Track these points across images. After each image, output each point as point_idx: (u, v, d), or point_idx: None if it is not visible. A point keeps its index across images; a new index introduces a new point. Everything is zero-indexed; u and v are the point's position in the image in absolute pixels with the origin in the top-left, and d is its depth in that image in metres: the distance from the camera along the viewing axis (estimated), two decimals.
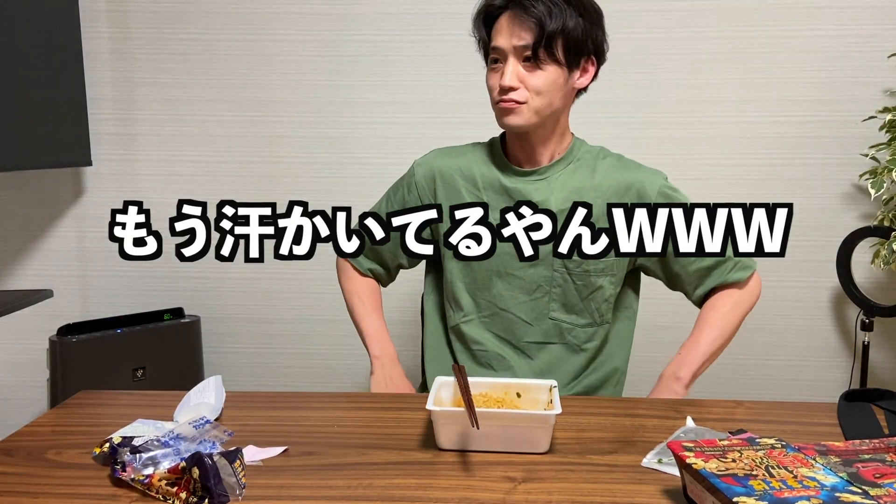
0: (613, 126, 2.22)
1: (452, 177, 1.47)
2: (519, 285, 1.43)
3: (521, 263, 1.41)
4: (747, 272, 1.44)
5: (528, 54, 1.33)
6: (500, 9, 1.35)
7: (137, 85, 2.36)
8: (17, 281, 2.45)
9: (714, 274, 1.43)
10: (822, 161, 2.25)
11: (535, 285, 1.43)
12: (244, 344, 2.45)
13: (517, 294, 1.43)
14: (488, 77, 1.39)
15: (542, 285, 1.42)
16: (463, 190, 1.45)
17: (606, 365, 1.47)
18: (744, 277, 1.43)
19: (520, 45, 1.32)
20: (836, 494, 0.79)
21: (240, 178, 2.37)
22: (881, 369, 2.32)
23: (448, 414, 1.06)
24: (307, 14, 2.30)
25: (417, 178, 1.49)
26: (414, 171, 1.51)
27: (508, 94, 1.34)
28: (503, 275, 1.43)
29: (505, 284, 1.44)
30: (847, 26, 2.19)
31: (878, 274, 2.25)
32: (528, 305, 1.43)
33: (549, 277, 1.42)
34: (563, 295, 1.42)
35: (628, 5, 2.22)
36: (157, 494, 0.93)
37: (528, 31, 1.32)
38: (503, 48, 1.34)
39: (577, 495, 0.93)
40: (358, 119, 2.33)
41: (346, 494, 0.94)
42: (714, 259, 1.41)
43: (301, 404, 1.28)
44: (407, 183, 1.51)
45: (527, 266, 1.42)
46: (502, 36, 1.34)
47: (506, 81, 1.33)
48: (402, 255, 1.52)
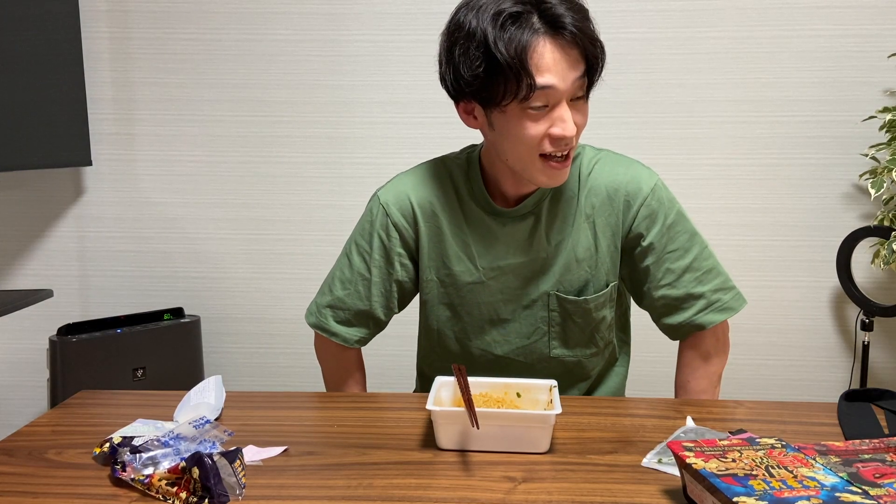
0: (613, 126, 2.22)
1: (433, 213, 1.28)
2: (515, 329, 1.31)
3: (514, 306, 1.29)
4: (722, 316, 1.28)
5: (580, 94, 1.14)
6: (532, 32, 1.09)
7: (137, 85, 2.36)
8: (17, 281, 2.45)
9: (682, 311, 1.28)
10: (822, 161, 2.25)
11: (532, 328, 1.30)
12: (244, 344, 2.45)
13: (513, 339, 1.31)
14: (523, 124, 1.12)
15: (540, 326, 1.30)
16: (448, 234, 1.28)
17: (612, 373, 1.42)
18: (717, 321, 1.27)
19: (573, 84, 1.11)
20: (836, 494, 0.79)
21: (240, 178, 2.37)
22: (881, 369, 2.32)
23: (448, 414, 1.06)
24: (307, 14, 2.30)
25: (395, 220, 1.29)
26: (387, 213, 1.29)
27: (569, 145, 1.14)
28: (496, 322, 1.30)
29: (499, 331, 1.31)
30: (847, 26, 2.19)
31: (878, 274, 2.25)
32: (526, 349, 1.31)
33: (546, 318, 1.29)
34: (564, 332, 1.30)
35: (628, 5, 2.22)
36: (157, 494, 0.93)
37: (579, 61, 1.12)
38: (559, 89, 1.10)
39: (577, 495, 0.93)
40: (358, 119, 2.33)
41: (346, 494, 0.94)
42: (684, 290, 1.27)
43: (301, 404, 1.28)
44: (384, 227, 1.29)
45: (520, 307, 1.30)
46: (553, 73, 1.09)
47: (570, 131, 1.12)
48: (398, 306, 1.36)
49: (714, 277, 1.29)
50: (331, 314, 1.34)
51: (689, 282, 1.27)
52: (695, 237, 1.29)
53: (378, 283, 1.31)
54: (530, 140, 1.14)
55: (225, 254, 2.40)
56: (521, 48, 1.08)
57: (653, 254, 1.27)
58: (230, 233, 2.39)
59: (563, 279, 1.27)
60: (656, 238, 1.26)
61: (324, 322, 1.35)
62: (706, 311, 1.28)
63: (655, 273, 1.27)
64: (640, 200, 1.26)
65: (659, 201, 1.27)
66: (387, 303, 1.33)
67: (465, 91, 1.15)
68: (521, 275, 1.28)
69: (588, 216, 1.27)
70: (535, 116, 1.12)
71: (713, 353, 1.32)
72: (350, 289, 1.32)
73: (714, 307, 1.28)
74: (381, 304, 1.32)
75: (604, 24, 1.57)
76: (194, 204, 2.39)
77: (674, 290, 1.27)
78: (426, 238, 1.30)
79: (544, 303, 1.29)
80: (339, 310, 1.34)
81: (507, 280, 1.29)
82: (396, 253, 1.30)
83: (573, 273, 1.27)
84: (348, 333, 1.34)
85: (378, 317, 1.34)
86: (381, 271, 1.31)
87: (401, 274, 1.32)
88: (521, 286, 1.29)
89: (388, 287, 1.32)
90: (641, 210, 1.26)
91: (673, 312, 1.29)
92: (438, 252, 1.30)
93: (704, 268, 1.28)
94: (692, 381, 1.33)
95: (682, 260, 1.27)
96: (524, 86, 1.09)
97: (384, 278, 1.32)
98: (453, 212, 1.28)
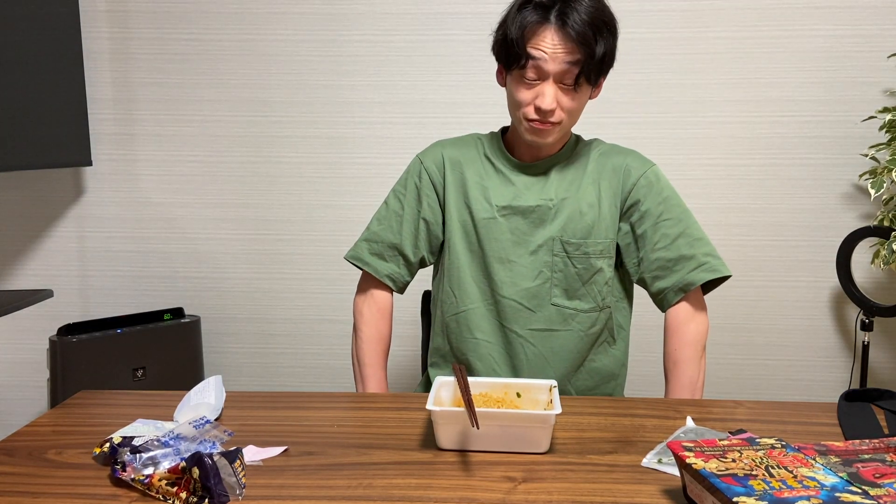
0: (613, 126, 2.22)
1: (460, 164, 1.48)
2: (520, 272, 1.43)
3: (522, 250, 1.43)
4: (711, 275, 1.40)
5: (570, 81, 1.32)
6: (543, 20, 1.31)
7: (137, 85, 2.36)
8: (17, 281, 2.45)
9: (675, 272, 1.41)
10: (822, 161, 2.25)
11: (536, 271, 1.43)
12: (244, 344, 2.45)
13: (518, 281, 1.43)
14: (518, 89, 1.36)
15: (543, 271, 1.43)
16: (470, 181, 1.47)
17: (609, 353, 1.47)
18: (706, 279, 1.40)
19: (566, 71, 1.31)
20: (836, 494, 0.79)
21: (240, 178, 2.37)
22: (881, 369, 2.32)
23: (448, 414, 1.06)
24: (307, 14, 2.30)
25: (427, 166, 1.50)
26: (422, 162, 1.51)
27: (546, 116, 1.34)
28: (504, 261, 1.44)
29: (506, 271, 1.44)
30: (847, 26, 2.19)
31: (878, 274, 2.25)
32: (529, 292, 1.43)
33: (550, 263, 1.42)
34: (565, 280, 1.43)
35: (628, 5, 2.22)
36: (157, 494, 0.93)
37: (574, 53, 1.31)
38: (548, 70, 1.32)
39: (577, 495, 0.93)
40: (358, 119, 2.33)
41: (346, 494, 0.94)
42: (678, 252, 1.41)
43: (301, 404, 1.28)
44: (417, 173, 1.51)
45: (527, 252, 1.43)
46: (548, 56, 1.31)
47: (547, 105, 1.32)
48: (425, 248, 1.52)
49: (705, 245, 1.43)
50: (366, 246, 1.51)
51: (682, 245, 1.41)
52: (687, 212, 1.44)
53: (408, 220, 1.49)
54: (519, 103, 1.36)
55: (225, 254, 2.41)
56: (524, 28, 1.31)
57: (649, 219, 1.42)
58: (230, 233, 2.39)
59: (568, 227, 1.42)
60: (653, 205, 1.42)
61: (360, 253, 1.52)
62: (697, 270, 1.40)
63: (652, 237, 1.41)
64: (640, 172, 1.43)
65: (657, 177, 1.44)
66: (415, 240, 1.50)
67: (495, 52, 1.39)
68: (529, 218, 1.43)
69: (595, 180, 1.44)
70: (528, 86, 1.34)
71: (691, 318, 1.41)
72: (384, 224, 1.51)
73: (703, 267, 1.40)
74: (409, 239, 1.50)
75: None
76: (194, 204, 2.39)
77: (668, 253, 1.41)
78: (452, 185, 1.48)
79: (549, 248, 1.43)
80: (374, 242, 1.51)
81: (517, 221, 1.44)
82: (426, 194, 1.49)
83: (576, 223, 1.42)
84: (380, 265, 1.50)
85: (406, 253, 1.49)
86: (411, 209, 1.50)
87: (427, 213, 1.49)
88: (529, 230, 1.44)
89: (417, 224, 1.49)
90: (641, 180, 1.42)
91: (666, 274, 1.41)
92: (462, 196, 1.47)
93: (695, 236, 1.42)
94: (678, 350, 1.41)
95: (675, 227, 1.41)
96: (519, 59, 1.32)
97: (413, 216, 1.49)
98: (478, 165, 1.48)
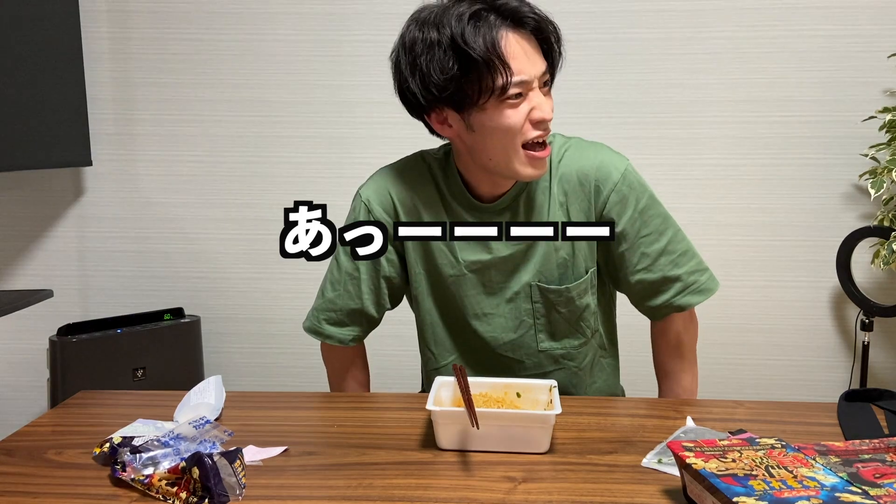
0: (613, 126, 2.22)
1: (416, 211, 1.29)
2: (500, 324, 1.31)
3: (497, 300, 1.29)
4: (700, 297, 1.29)
5: (546, 79, 1.19)
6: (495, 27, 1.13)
7: (137, 85, 2.36)
8: (17, 281, 2.45)
9: (660, 294, 1.29)
10: (822, 161, 2.25)
11: (516, 321, 1.30)
12: (244, 344, 2.45)
13: (499, 334, 1.31)
14: (503, 115, 1.15)
15: (525, 319, 1.30)
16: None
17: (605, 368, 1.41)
18: (695, 303, 1.30)
19: (542, 71, 1.17)
20: (836, 494, 0.79)
21: (240, 178, 2.37)
22: (881, 369, 2.32)
23: (448, 414, 1.06)
24: (307, 14, 2.30)
25: (376, 212, 1.30)
26: (369, 208, 1.30)
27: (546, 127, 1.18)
28: (480, 316, 1.31)
29: (484, 325, 1.31)
30: (847, 26, 2.19)
31: (878, 274, 2.25)
32: (513, 343, 1.31)
33: (531, 310, 1.29)
34: (549, 324, 1.30)
35: (628, 5, 2.22)
36: (157, 494, 0.93)
37: (536, 50, 1.17)
38: (531, 75, 1.15)
39: (577, 495, 0.93)
40: (358, 119, 2.33)
41: (346, 494, 0.94)
42: (661, 273, 1.28)
43: (301, 404, 1.28)
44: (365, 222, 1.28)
45: (503, 301, 1.30)
46: (523, 62, 1.14)
47: (549, 112, 1.17)
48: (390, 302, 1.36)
49: (689, 259, 1.30)
50: (324, 317, 1.36)
51: (665, 265, 1.28)
52: (668, 220, 1.30)
53: (367, 280, 1.32)
54: (513, 129, 1.16)
55: (225, 254, 2.40)
56: (492, 41, 1.12)
57: (626, 240, 1.27)
58: (230, 233, 2.39)
59: (544, 269, 1.28)
60: (628, 224, 1.27)
61: (317, 326, 1.37)
62: (684, 294, 1.29)
63: (630, 258, 1.28)
64: (610, 186, 1.26)
65: (630, 186, 1.27)
66: (377, 300, 1.34)
67: (440, 97, 1.16)
68: (502, 269, 1.29)
69: (562, 204, 1.28)
70: (514, 104, 1.15)
71: (684, 334, 1.34)
72: (340, 289, 1.33)
73: (691, 289, 1.29)
74: (371, 300, 1.33)
75: (604, 24, 1.58)
76: (194, 204, 2.39)
77: (650, 275, 1.28)
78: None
79: (527, 294, 1.29)
80: (332, 311, 1.35)
81: (489, 274, 1.29)
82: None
83: (551, 261, 1.28)
84: (342, 334, 1.36)
85: (370, 314, 1.35)
86: (368, 268, 1.32)
87: (388, 270, 1.32)
88: (502, 279, 1.29)
89: (377, 283, 1.33)
90: (612, 196, 1.26)
91: (651, 296, 1.30)
92: (424, 248, 1.31)
93: (679, 250, 1.29)
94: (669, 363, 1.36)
95: (656, 244, 1.28)
96: (501, 77, 1.12)
97: (372, 275, 1.32)
98: (434, 206, 1.30)
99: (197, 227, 2.40)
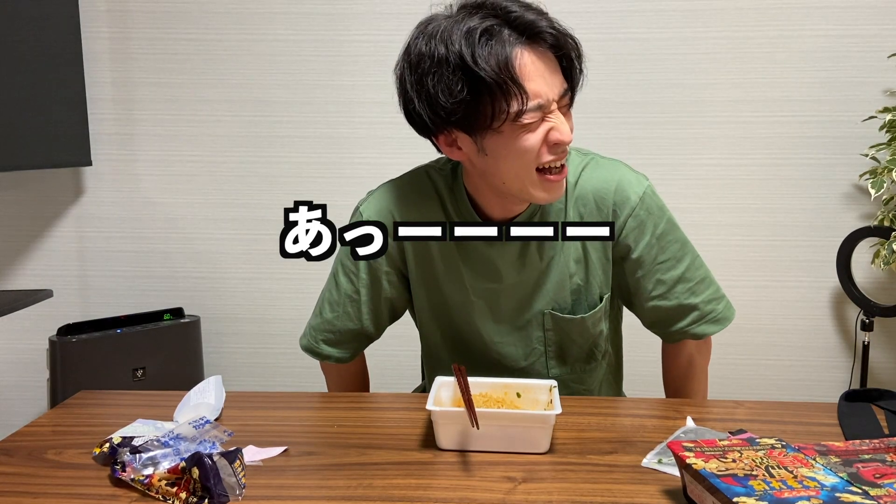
0: (613, 126, 2.22)
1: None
2: (509, 353, 1.26)
3: (507, 327, 1.24)
4: (717, 327, 1.25)
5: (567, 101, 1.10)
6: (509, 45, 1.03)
7: (137, 85, 2.36)
8: (17, 281, 2.45)
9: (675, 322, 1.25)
10: (822, 161, 2.25)
11: (527, 349, 1.26)
12: (244, 344, 2.45)
13: (508, 363, 1.27)
14: (520, 138, 1.06)
15: (536, 347, 1.26)
16: (436, 255, 1.23)
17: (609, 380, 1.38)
18: (711, 333, 1.25)
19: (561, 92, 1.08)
20: (836, 494, 0.79)
21: (240, 178, 2.37)
22: (881, 369, 2.32)
23: (448, 414, 1.06)
24: (307, 14, 2.30)
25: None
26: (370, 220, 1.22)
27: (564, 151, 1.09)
28: (488, 343, 1.26)
29: (494, 353, 1.26)
30: (847, 26, 2.19)
31: (878, 274, 2.25)
32: (523, 371, 1.26)
33: (542, 338, 1.25)
34: (561, 351, 1.26)
35: (628, 5, 2.22)
36: (157, 494, 0.93)
37: (554, 66, 1.08)
38: (549, 95, 1.05)
39: (577, 495, 0.92)
40: (358, 119, 2.33)
41: (346, 494, 0.93)
42: (677, 301, 1.23)
43: (301, 404, 1.28)
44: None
45: (513, 328, 1.25)
46: (539, 81, 1.04)
47: (568, 134, 1.07)
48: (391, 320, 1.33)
49: (706, 287, 1.25)
50: (322, 337, 1.32)
51: (682, 293, 1.23)
52: (686, 246, 1.25)
53: (367, 303, 1.28)
54: (530, 152, 1.08)
55: (225, 254, 2.40)
56: (505, 61, 1.02)
57: (642, 267, 1.23)
58: (230, 233, 2.39)
59: (558, 297, 1.23)
60: (645, 251, 1.22)
61: (315, 346, 1.34)
62: (700, 323, 1.25)
63: (646, 285, 1.23)
64: (628, 211, 1.20)
65: (648, 211, 1.21)
66: (377, 320, 1.31)
67: (450, 121, 1.07)
68: (513, 296, 1.24)
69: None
70: (531, 126, 1.07)
71: (696, 356, 1.31)
72: (339, 311, 1.30)
73: (708, 319, 1.25)
74: (371, 321, 1.30)
75: (604, 25, 1.58)
76: (194, 204, 2.39)
77: (665, 302, 1.24)
78: (413, 258, 1.26)
79: (539, 322, 1.24)
80: (330, 332, 1.32)
81: (500, 301, 1.24)
82: (384, 272, 1.27)
83: (565, 288, 1.23)
84: (341, 353, 1.33)
85: (370, 333, 1.32)
86: (369, 291, 1.28)
87: (389, 292, 1.29)
88: (514, 307, 1.24)
89: (378, 305, 1.29)
90: (629, 221, 1.20)
91: (666, 324, 1.26)
92: (429, 272, 1.26)
93: (696, 278, 1.24)
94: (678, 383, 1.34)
95: (673, 270, 1.23)
96: (516, 102, 1.03)
97: (373, 297, 1.28)
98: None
99: (197, 227, 2.40)
